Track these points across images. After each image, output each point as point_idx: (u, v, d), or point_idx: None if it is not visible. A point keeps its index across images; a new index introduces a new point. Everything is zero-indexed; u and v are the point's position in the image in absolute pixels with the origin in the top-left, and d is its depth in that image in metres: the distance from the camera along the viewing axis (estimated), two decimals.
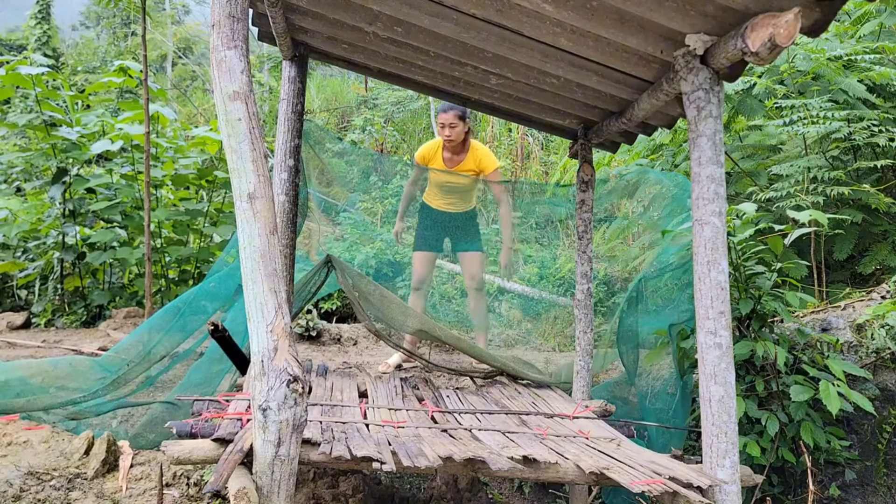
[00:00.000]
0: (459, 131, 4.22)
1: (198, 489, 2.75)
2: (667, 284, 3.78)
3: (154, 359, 3.17)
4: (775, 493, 3.37)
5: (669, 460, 2.39)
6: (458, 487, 3.52)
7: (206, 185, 5.88)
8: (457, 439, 2.42)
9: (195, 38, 21.01)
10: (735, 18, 2.14)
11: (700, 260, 2.25)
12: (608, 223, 6.46)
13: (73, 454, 2.69)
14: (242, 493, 1.64)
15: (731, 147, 5.63)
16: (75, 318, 5.69)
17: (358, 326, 6.04)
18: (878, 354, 3.57)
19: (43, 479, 2.50)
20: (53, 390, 3.05)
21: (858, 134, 4.49)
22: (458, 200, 4.54)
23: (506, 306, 6.41)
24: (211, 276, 3.56)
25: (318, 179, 4.77)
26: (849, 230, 4.77)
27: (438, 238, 4.62)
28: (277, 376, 1.68)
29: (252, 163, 1.79)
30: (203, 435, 2.16)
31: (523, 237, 7.45)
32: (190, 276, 5.94)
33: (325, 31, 3.12)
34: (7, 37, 19.90)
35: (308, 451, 2.01)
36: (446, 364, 4.32)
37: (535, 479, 2.23)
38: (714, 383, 2.21)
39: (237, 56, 1.82)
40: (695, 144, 2.27)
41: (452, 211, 4.54)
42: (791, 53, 4.96)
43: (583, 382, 3.49)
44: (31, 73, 5.19)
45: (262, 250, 1.75)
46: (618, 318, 3.82)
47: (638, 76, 2.73)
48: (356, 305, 3.79)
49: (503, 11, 2.43)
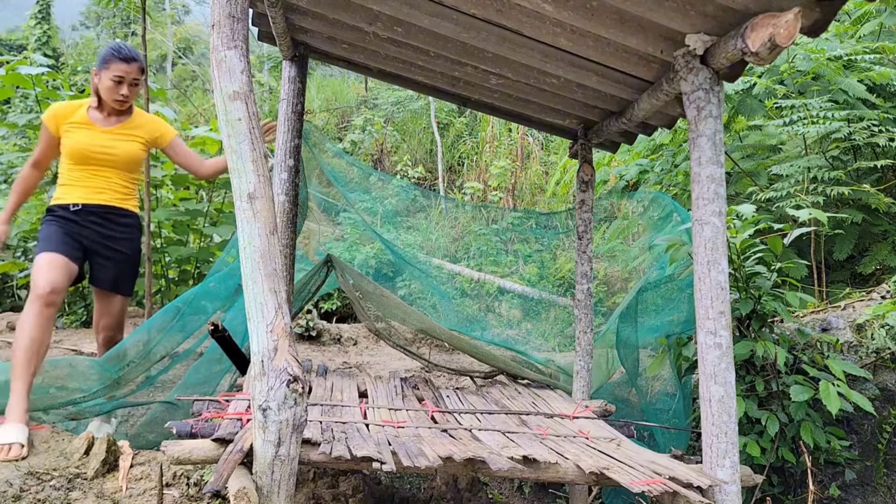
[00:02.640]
0: (137, 92, 3.26)
1: (198, 489, 2.75)
2: (664, 296, 3.77)
3: (154, 359, 3.17)
4: (775, 493, 3.37)
5: (669, 460, 2.39)
6: (458, 487, 3.52)
7: (206, 185, 5.88)
8: (457, 439, 2.42)
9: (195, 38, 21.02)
10: (735, 18, 2.14)
11: (700, 260, 2.25)
12: (608, 223, 6.46)
13: (73, 454, 2.69)
14: (242, 493, 1.64)
15: (731, 147, 5.63)
16: (75, 318, 5.70)
17: (358, 326, 6.04)
18: (878, 354, 3.56)
19: (43, 479, 2.50)
20: (53, 390, 3.05)
21: (858, 134, 4.49)
22: (110, 186, 3.26)
23: (506, 306, 6.41)
24: (211, 276, 3.56)
25: (318, 179, 4.75)
26: (849, 230, 4.77)
27: (78, 244, 3.18)
28: (277, 376, 1.68)
29: (252, 163, 1.79)
30: (203, 435, 2.16)
31: (523, 237, 7.45)
32: (190, 276, 5.94)
33: (325, 31, 3.12)
34: (7, 37, 19.90)
35: (308, 451, 2.01)
36: (446, 364, 4.32)
37: (535, 479, 2.23)
38: (714, 383, 2.21)
39: (237, 56, 1.82)
40: (695, 144, 2.27)
41: (103, 203, 3.23)
42: (791, 53, 4.96)
43: (583, 382, 3.49)
44: (31, 73, 5.19)
45: (262, 250, 1.75)
46: (616, 320, 3.82)
47: (638, 76, 2.73)
48: (357, 305, 3.79)
49: (503, 11, 2.43)
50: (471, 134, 11.37)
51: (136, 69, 3.21)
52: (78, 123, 3.22)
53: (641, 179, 6.07)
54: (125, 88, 3.20)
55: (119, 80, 3.17)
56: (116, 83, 3.17)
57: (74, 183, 3.23)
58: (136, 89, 3.26)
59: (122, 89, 3.19)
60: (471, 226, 7.73)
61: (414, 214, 7.76)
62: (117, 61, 3.16)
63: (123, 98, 3.21)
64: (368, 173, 6.36)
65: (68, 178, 3.25)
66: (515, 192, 9.56)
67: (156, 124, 3.43)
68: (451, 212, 7.98)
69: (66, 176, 3.25)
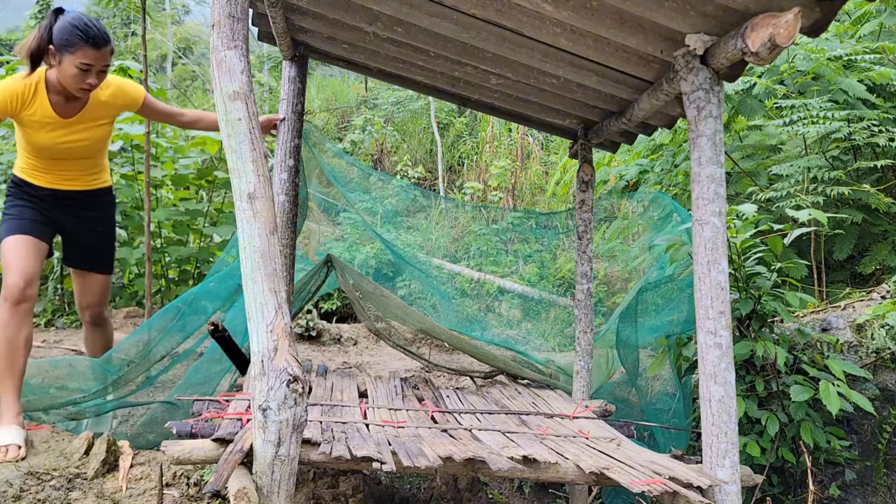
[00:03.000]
0: (104, 78, 2.82)
1: (198, 489, 2.75)
2: (664, 296, 3.77)
3: (154, 359, 3.17)
4: (775, 493, 3.37)
5: (669, 460, 2.39)
6: (458, 487, 3.52)
7: (206, 185, 5.88)
8: (457, 439, 2.42)
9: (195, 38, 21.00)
10: (735, 18, 2.14)
11: (700, 260, 2.25)
12: (608, 223, 6.46)
13: (73, 454, 2.69)
14: (242, 493, 1.64)
15: (731, 147, 5.63)
16: (75, 318, 5.69)
17: (358, 326, 6.04)
18: (878, 354, 3.56)
19: (43, 479, 2.50)
20: (53, 390, 3.05)
21: (858, 134, 4.49)
22: (82, 172, 3.00)
23: (506, 306, 6.41)
24: (211, 276, 3.55)
25: (318, 179, 4.75)
26: (849, 230, 4.77)
27: (49, 221, 2.95)
28: (277, 376, 1.68)
29: (252, 163, 1.79)
30: (203, 435, 2.16)
31: (523, 237, 7.45)
32: (190, 276, 5.94)
33: (325, 31, 3.12)
34: (7, 37, 19.87)
35: (308, 451, 2.01)
36: (446, 364, 4.32)
37: (535, 479, 2.23)
38: (714, 383, 2.21)
39: (237, 56, 1.82)
40: (695, 144, 2.27)
41: (76, 189, 3.00)
42: (791, 53, 4.96)
43: (583, 382, 3.49)
44: None
45: (262, 250, 1.75)
46: (616, 320, 3.82)
47: (638, 76, 2.73)
48: (357, 305, 3.79)
49: (503, 11, 2.43)
50: (471, 134, 11.37)
51: (107, 54, 2.68)
52: (38, 120, 2.75)
53: (641, 179, 6.07)
54: (93, 77, 2.68)
55: (86, 69, 2.64)
56: (83, 71, 2.64)
57: (40, 169, 2.88)
58: (104, 75, 2.77)
59: (88, 77, 2.67)
60: (471, 226, 7.73)
61: (414, 214, 7.75)
62: (86, 46, 2.60)
63: (89, 87, 2.72)
64: (368, 173, 6.36)
65: (33, 163, 2.87)
66: (515, 192, 9.56)
67: (121, 93, 2.96)
68: (451, 212, 7.98)
69: (30, 161, 2.86)
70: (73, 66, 2.64)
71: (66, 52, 2.63)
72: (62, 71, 2.67)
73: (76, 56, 2.62)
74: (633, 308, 3.64)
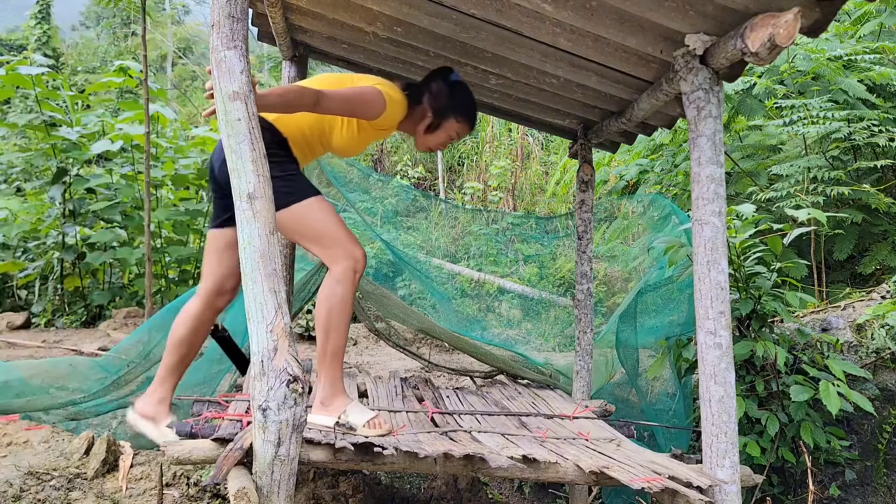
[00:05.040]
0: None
1: (198, 489, 2.75)
2: (664, 297, 3.77)
3: (154, 359, 3.16)
4: (775, 493, 3.37)
5: (669, 460, 2.39)
6: (458, 487, 3.52)
7: (206, 185, 5.88)
8: (456, 441, 2.42)
9: (195, 38, 21.02)
10: (735, 18, 2.14)
11: (700, 260, 2.25)
12: (608, 223, 6.47)
13: (73, 454, 2.69)
14: (242, 493, 1.64)
15: (731, 147, 5.64)
16: (75, 319, 5.70)
17: (358, 326, 6.04)
18: (878, 354, 3.57)
19: (43, 479, 2.50)
20: (53, 390, 3.05)
21: (858, 134, 4.49)
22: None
23: (506, 306, 6.42)
24: None
25: (318, 179, 4.75)
26: (849, 230, 4.78)
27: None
28: (277, 376, 1.68)
29: (252, 163, 1.79)
30: (203, 435, 2.16)
31: (523, 237, 7.45)
32: (190, 276, 5.94)
33: (324, 30, 3.12)
34: (7, 37, 19.89)
35: (308, 451, 2.01)
36: (446, 364, 4.32)
37: (535, 479, 2.22)
38: (714, 383, 2.21)
39: (237, 56, 1.82)
40: (695, 144, 2.27)
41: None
42: (791, 53, 4.97)
43: (583, 382, 3.49)
44: (31, 73, 5.19)
45: (262, 250, 1.75)
46: (616, 321, 3.82)
47: (638, 76, 2.73)
48: (356, 305, 3.79)
49: (503, 11, 2.43)
50: (471, 134, 11.37)
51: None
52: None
53: (641, 179, 6.08)
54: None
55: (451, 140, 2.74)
56: (448, 140, 2.73)
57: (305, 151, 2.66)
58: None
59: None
60: (470, 226, 7.74)
61: (414, 215, 7.75)
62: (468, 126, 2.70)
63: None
64: (368, 174, 6.36)
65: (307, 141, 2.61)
66: (515, 192, 9.56)
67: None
68: (451, 212, 7.99)
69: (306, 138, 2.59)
70: (446, 136, 2.70)
71: (452, 120, 2.67)
72: (438, 137, 2.70)
73: (461, 131, 2.70)
74: (633, 309, 3.64)
